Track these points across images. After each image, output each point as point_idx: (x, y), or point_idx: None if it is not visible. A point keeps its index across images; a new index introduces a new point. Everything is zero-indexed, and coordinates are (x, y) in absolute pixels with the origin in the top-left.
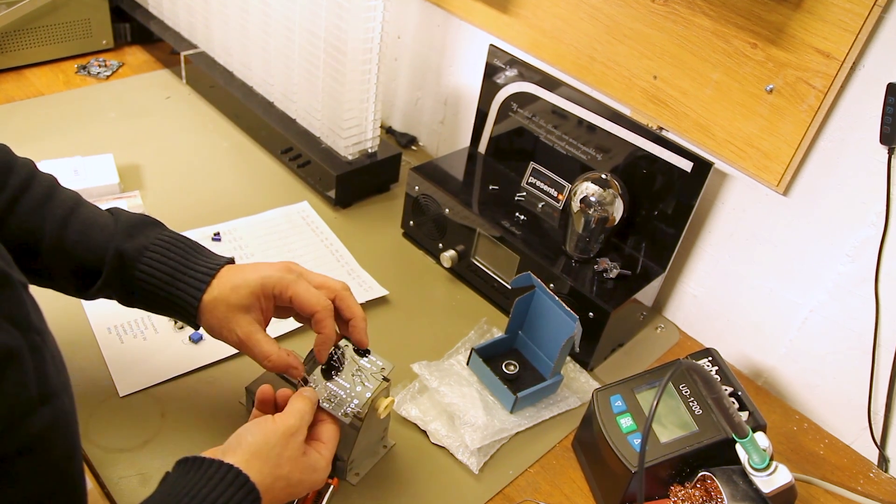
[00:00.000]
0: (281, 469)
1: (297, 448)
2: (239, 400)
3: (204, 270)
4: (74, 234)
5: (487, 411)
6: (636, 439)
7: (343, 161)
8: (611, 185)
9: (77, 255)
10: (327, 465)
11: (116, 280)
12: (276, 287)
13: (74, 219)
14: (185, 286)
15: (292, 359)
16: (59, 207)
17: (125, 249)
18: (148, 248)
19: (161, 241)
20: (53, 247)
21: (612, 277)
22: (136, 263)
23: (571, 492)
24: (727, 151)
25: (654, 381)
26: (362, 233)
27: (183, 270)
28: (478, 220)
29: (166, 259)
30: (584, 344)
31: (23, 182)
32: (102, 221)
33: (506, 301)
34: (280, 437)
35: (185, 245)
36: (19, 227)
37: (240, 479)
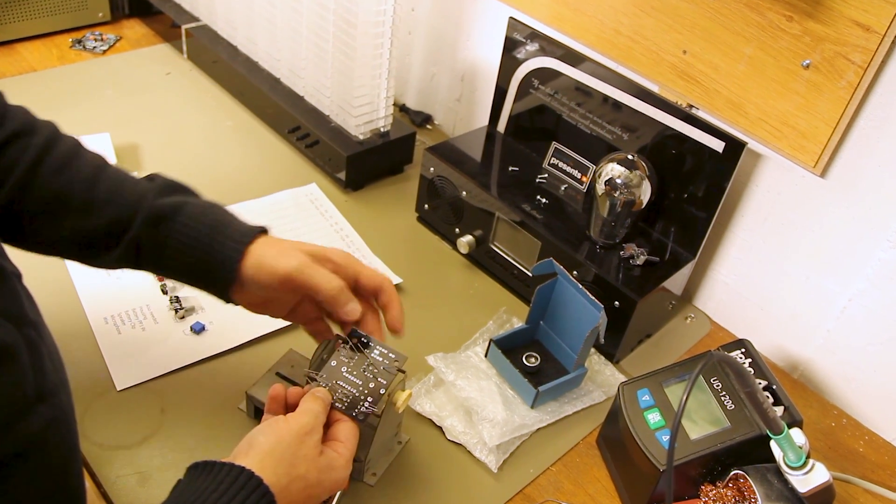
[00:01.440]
0: (297, 469)
1: (313, 447)
2: (238, 406)
3: (247, 229)
4: (104, 191)
5: (507, 406)
6: (665, 436)
7: (354, 141)
8: (638, 166)
9: (108, 212)
10: (347, 463)
11: (149, 236)
12: (342, 259)
13: (104, 176)
14: (226, 240)
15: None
16: (86, 167)
17: (162, 204)
18: (187, 204)
19: (200, 203)
20: (82, 207)
21: (638, 264)
22: (175, 216)
23: (596, 491)
24: (761, 131)
25: (684, 374)
26: (374, 217)
27: (224, 227)
28: (497, 204)
29: (205, 217)
30: (609, 335)
31: (45, 143)
32: (134, 179)
33: (526, 289)
34: (294, 436)
35: (227, 210)
36: (44, 190)
37: (253, 482)
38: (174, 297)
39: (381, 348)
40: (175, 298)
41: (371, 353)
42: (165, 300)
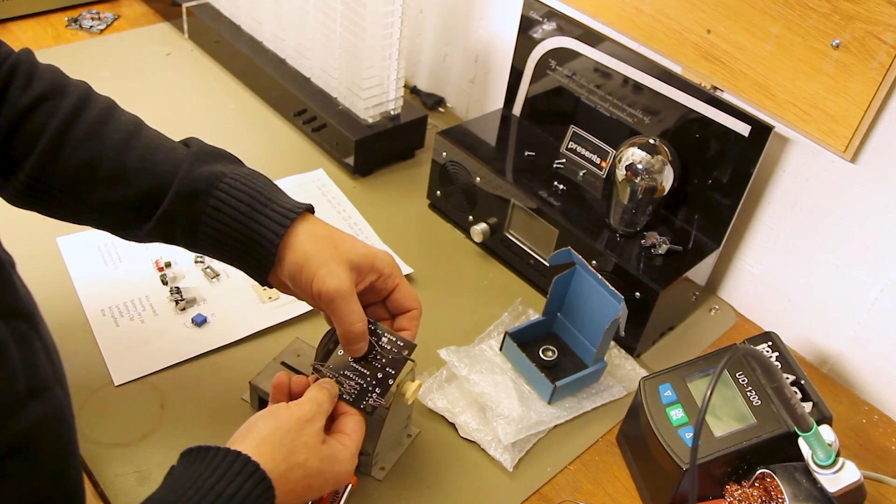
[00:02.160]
0: (296, 456)
1: (315, 435)
2: (241, 396)
3: (288, 208)
4: (136, 159)
5: (523, 402)
6: (688, 433)
7: (363, 124)
8: (660, 150)
9: (139, 182)
10: (352, 457)
11: (183, 211)
12: (388, 268)
13: (136, 142)
14: (265, 221)
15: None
16: (118, 131)
17: (198, 174)
18: (227, 175)
19: (242, 172)
20: (112, 175)
21: (660, 253)
22: (211, 189)
23: (616, 491)
24: (788, 114)
25: (708, 368)
26: (384, 204)
27: (264, 202)
28: (512, 190)
29: (247, 188)
30: (629, 327)
31: (76, 105)
32: (169, 144)
33: (543, 280)
34: (295, 422)
35: (269, 181)
36: (73, 157)
37: (249, 467)
38: (174, 287)
39: (390, 336)
40: (176, 289)
41: (379, 341)
42: (166, 291)
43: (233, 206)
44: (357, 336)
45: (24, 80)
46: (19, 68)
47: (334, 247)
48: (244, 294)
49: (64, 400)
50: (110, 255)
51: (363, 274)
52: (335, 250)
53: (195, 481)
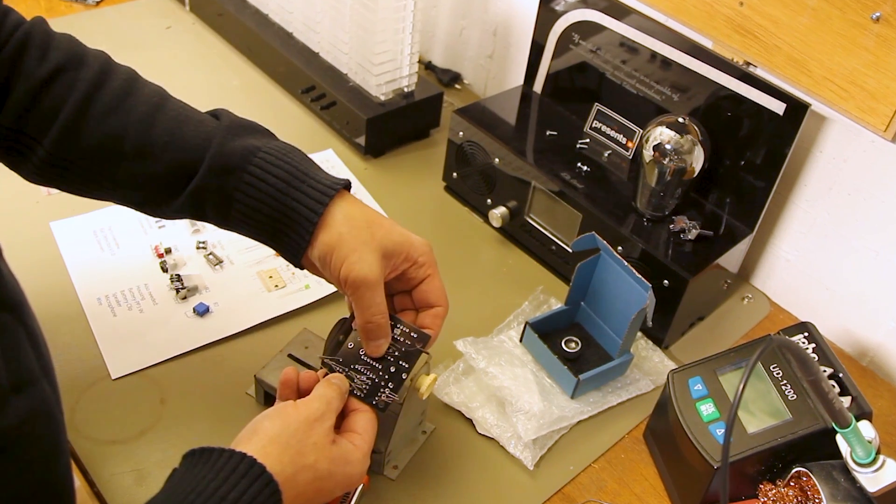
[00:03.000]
0: (304, 457)
1: (324, 435)
2: (246, 391)
3: (324, 186)
4: (163, 132)
5: (544, 396)
6: (719, 429)
7: (375, 102)
8: (689, 130)
9: (167, 156)
10: (364, 457)
11: (215, 187)
12: (423, 257)
13: (162, 115)
14: (309, 191)
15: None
16: (142, 103)
17: (231, 149)
18: (261, 149)
19: (277, 146)
20: (138, 150)
21: (690, 239)
22: (245, 165)
23: (643, 490)
24: (826, 91)
25: (741, 360)
26: (397, 186)
27: (301, 178)
28: (533, 172)
29: (282, 163)
30: (657, 317)
31: (96, 76)
32: (199, 117)
33: (566, 267)
34: (303, 421)
35: (305, 156)
36: (96, 132)
37: (255, 470)
38: (175, 275)
39: (403, 327)
40: (176, 277)
41: (393, 332)
42: (166, 279)
43: (268, 183)
44: (376, 329)
45: (38, 50)
46: (33, 38)
47: (370, 231)
48: (249, 282)
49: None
50: (107, 241)
51: (396, 262)
52: (370, 235)
53: (197, 484)
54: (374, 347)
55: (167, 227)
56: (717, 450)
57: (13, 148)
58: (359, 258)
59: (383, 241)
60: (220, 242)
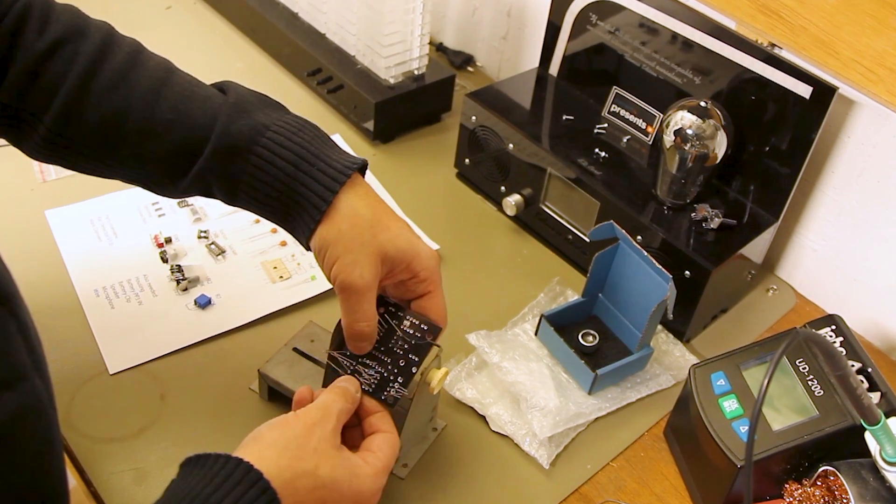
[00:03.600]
0: (304, 462)
1: (325, 439)
2: (249, 386)
3: (344, 164)
4: (167, 109)
5: (560, 392)
6: (743, 426)
7: (383, 85)
8: (712, 114)
9: (172, 136)
10: (375, 475)
11: (221, 170)
12: (425, 272)
13: (167, 91)
14: (319, 176)
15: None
16: (146, 78)
17: (238, 129)
18: (269, 128)
19: (287, 122)
20: (141, 128)
21: (713, 228)
22: (251, 146)
23: (663, 490)
24: (854, 73)
25: (765, 355)
26: (407, 173)
27: (311, 161)
28: (548, 158)
29: (291, 144)
30: (678, 309)
31: (98, 49)
32: (205, 93)
33: (583, 257)
34: (301, 427)
35: (319, 132)
36: (98, 107)
37: (252, 475)
38: (176, 265)
39: (413, 319)
40: (177, 267)
41: (401, 324)
42: (166, 269)
43: (276, 166)
44: (358, 335)
45: (38, 22)
46: (32, 10)
47: (372, 232)
48: (253, 273)
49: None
50: (104, 230)
51: (395, 271)
52: (371, 236)
53: (191, 490)
54: (355, 348)
55: (167, 216)
56: (741, 448)
57: (14, 125)
58: (352, 261)
59: (384, 246)
60: (222, 232)
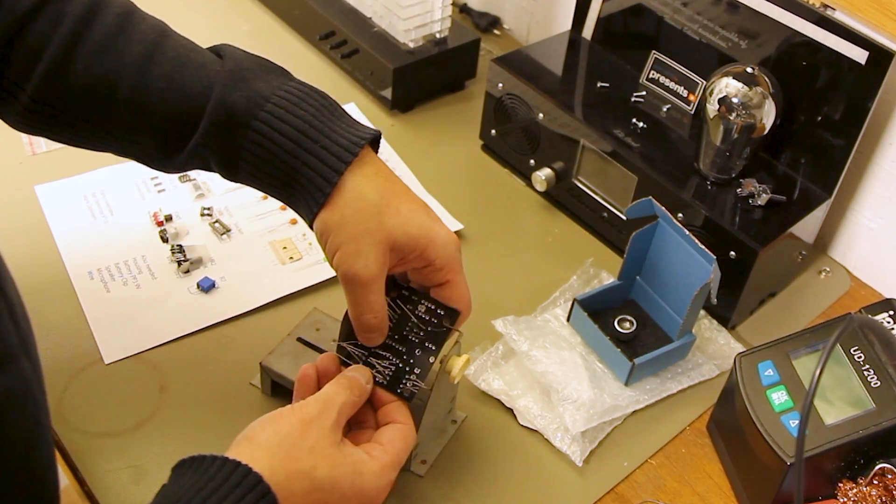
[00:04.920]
0: (299, 462)
1: (322, 436)
2: (250, 381)
3: (353, 139)
4: (160, 77)
5: (594, 383)
6: (793, 420)
7: (402, 50)
8: (759, 81)
9: (165, 107)
10: (382, 471)
11: (218, 144)
12: (442, 261)
13: (160, 56)
14: (322, 154)
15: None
16: (138, 42)
17: (235, 99)
18: (269, 100)
19: (289, 91)
20: (132, 98)
21: (760, 205)
22: (250, 120)
23: (706, 489)
24: None
25: (817, 342)
26: (428, 145)
27: (315, 137)
28: (582, 129)
29: (294, 117)
30: (723, 293)
31: (86, 10)
32: (200, 59)
33: (619, 236)
34: (297, 423)
35: (325, 101)
36: (85, 74)
37: (249, 479)
38: (177, 245)
39: (428, 303)
40: (178, 248)
41: (415, 310)
42: (166, 250)
43: (276, 143)
44: (364, 328)
45: None
46: None
47: (379, 219)
48: (260, 253)
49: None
50: (99, 207)
51: (407, 259)
52: (378, 224)
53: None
54: (365, 339)
55: (168, 192)
56: (791, 444)
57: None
58: (356, 250)
59: (393, 233)
60: (227, 209)
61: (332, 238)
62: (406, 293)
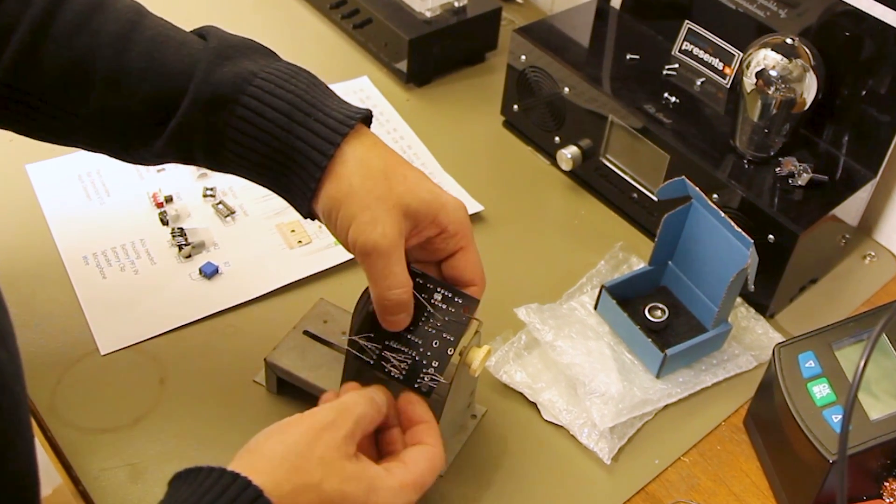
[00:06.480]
0: (307, 475)
1: (334, 447)
2: (254, 378)
3: (346, 114)
4: (139, 56)
5: (624, 375)
6: (835, 415)
7: (419, 19)
8: (799, 53)
9: (144, 86)
10: (401, 489)
11: (202, 124)
12: (454, 224)
13: (138, 35)
14: (316, 127)
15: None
16: (114, 21)
17: (221, 76)
18: (257, 75)
19: (278, 69)
20: (109, 80)
21: (800, 185)
22: (237, 96)
23: (742, 489)
24: None
25: (862, 332)
26: (446, 122)
27: (307, 111)
28: (610, 104)
29: (284, 93)
30: (761, 279)
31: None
32: (181, 37)
33: (650, 219)
34: (304, 432)
35: (315, 79)
36: (58, 56)
37: (248, 493)
38: (177, 228)
39: (445, 292)
40: (179, 231)
41: (431, 299)
42: (166, 233)
43: (266, 117)
44: (392, 306)
45: None
46: None
47: (388, 184)
48: (266, 237)
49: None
50: (95, 187)
51: (420, 226)
52: (388, 189)
53: None
54: (390, 323)
55: (168, 171)
56: (833, 440)
57: None
58: (371, 218)
59: (404, 198)
60: (231, 189)
61: (343, 211)
62: (421, 281)
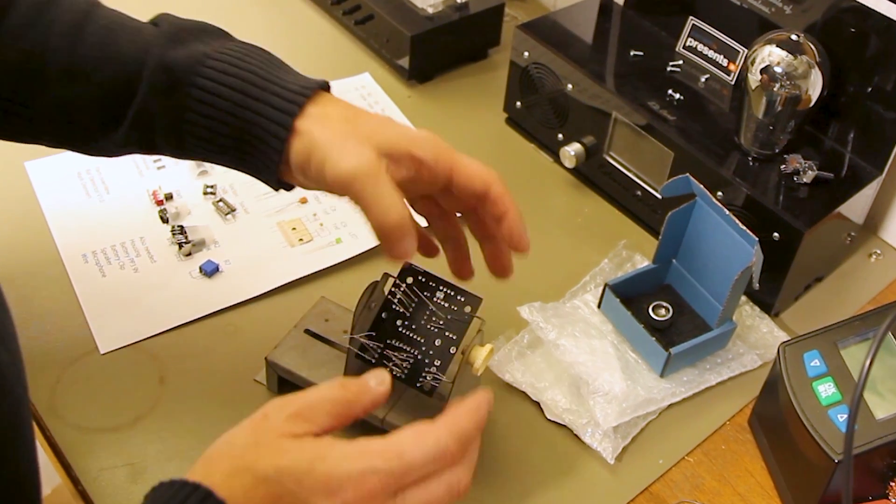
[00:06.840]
0: (241, 459)
1: (272, 429)
2: (254, 377)
3: (297, 87)
4: (92, 46)
5: (628, 374)
6: (841, 414)
7: (421, 15)
8: (804, 49)
9: (99, 77)
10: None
11: (160, 108)
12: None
13: (91, 26)
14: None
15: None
16: (67, 12)
17: (174, 59)
18: (210, 56)
19: (231, 49)
20: (64, 72)
21: (805, 182)
22: (191, 77)
23: (747, 489)
24: None
25: (868, 330)
26: (448, 118)
27: (262, 85)
28: (614, 101)
29: (238, 70)
30: (765, 278)
31: None
32: (134, 24)
33: (653, 216)
34: (246, 424)
35: (270, 56)
36: (10, 49)
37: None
38: (177, 226)
39: (447, 289)
40: (179, 229)
41: (433, 297)
42: (166, 231)
43: (222, 96)
44: (394, 229)
45: None
46: None
47: (352, 127)
48: (268, 235)
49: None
50: (94, 185)
51: (397, 163)
52: (352, 128)
53: None
54: (397, 252)
55: (168, 168)
56: (839, 439)
57: None
58: (343, 149)
59: (373, 138)
60: (232, 186)
61: (314, 159)
62: (423, 279)
